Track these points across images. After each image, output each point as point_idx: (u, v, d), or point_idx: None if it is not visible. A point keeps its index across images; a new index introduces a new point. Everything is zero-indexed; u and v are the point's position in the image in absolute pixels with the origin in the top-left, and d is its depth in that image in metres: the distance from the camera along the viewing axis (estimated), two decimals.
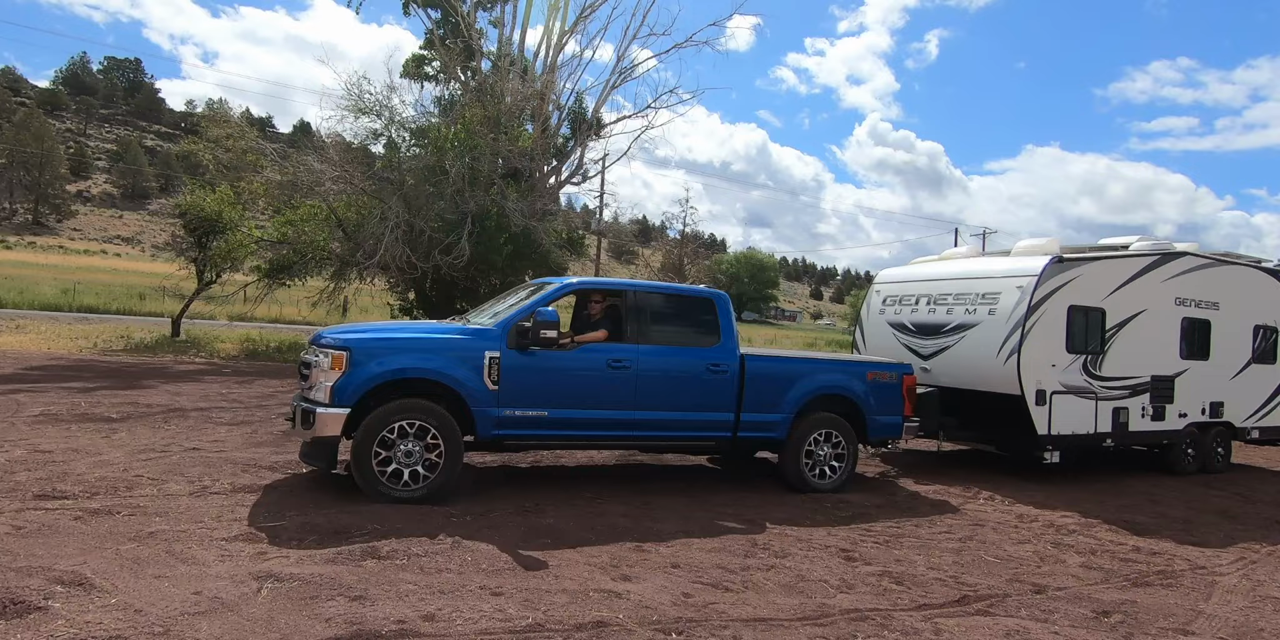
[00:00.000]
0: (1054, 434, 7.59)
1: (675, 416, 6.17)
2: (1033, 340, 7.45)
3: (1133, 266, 8.33)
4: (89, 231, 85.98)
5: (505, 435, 5.65)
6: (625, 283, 6.91)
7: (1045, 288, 7.57)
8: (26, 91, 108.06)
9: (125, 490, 5.02)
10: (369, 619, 3.26)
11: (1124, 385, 8.14)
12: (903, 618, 3.81)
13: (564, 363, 5.82)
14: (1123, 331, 8.14)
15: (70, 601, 3.21)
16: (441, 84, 25.20)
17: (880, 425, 6.93)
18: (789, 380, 6.59)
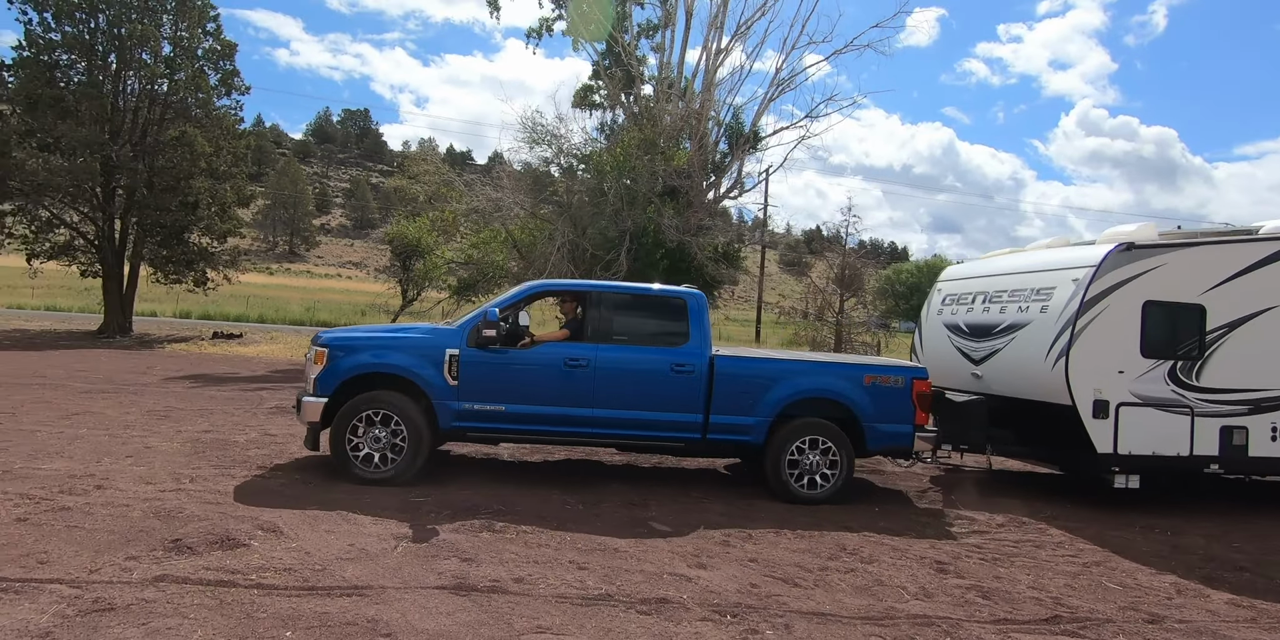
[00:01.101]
0: (1123, 453, 6.52)
1: (637, 416, 6.18)
2: (1088, 341, 6.53)
3: (1253, 253, 6.89)
4: (328, 258, 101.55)
5: (466, 427, 6.09)
6: (588, 284, 7.08)
7: (1107, 280, 6.59)
8: (286, 144, 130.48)
9: (322, 468, 6.26)
10: (471, 576, 3.94)
11: (1239, 399, 6.75)
12: (972, 628, 3.76)
13: (522, 360, 6.12)
14: (1237, 333, 6.78)
15: (265, 542, 4.23)
16: (606, 111, 27.03)
17: (882, 434, 6.35)
18: (765, 382, 6.34)
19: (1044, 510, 6.50)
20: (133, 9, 20.94)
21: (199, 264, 22.06)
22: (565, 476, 6.66)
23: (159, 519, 4.53)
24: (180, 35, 22.09)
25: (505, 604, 3.63)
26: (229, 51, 23.41)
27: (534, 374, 6.16)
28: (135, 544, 4.08)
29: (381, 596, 3.60)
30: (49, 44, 20.30)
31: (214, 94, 22.60)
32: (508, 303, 6.41)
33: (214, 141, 21.77)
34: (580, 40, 25.89)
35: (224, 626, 3.16)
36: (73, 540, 4.08)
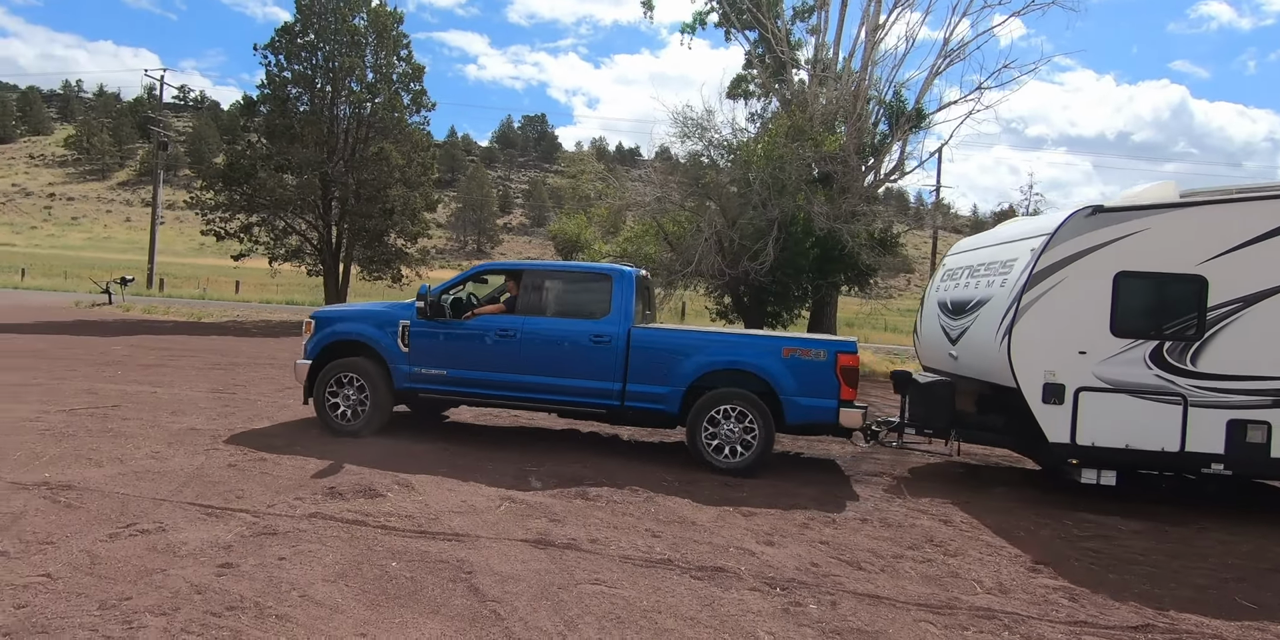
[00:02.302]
0: (1083, 444, 5.76)
1: (560, 382, 6.67)
2: (1036, 317, 5.87)
3: (1268, 214, 5.64)
4: (510, 254, 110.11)
5: (416, 388, 6.93)
6: (523, 264, 7.46)
7: (1063, 249, 5.85)
8: (474, 151, 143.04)
9: (461, 438, 7.19)
10: (553, 534, 4.47)
11: (1258, 389, 5.58)
12: (1039, 626, 3.61)
13: (461, 331, 6.91)
14: (1259, 309, 5.62)
15: (398, 495, 5.08)
16: (758, 100, 26.87)
17: (801, 407, 6.30)
18: (680, 354, 6.57)
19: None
20: (343, 45, 24.34)
21: (395, 263, 25.21)
22: (673, 456, 7.04)
23: (329, 472, 5.57)
24: (379, 63, 25.28)
25: (574, 558, 4.10)
26: (418, 74, 26.38)
27: (470, 343, 6.90)
28: (304, 489, 5.10)
29: (474, 543, 4.24)
30: (283, 81, 24.18)
31: (406, 112, 25.64)
32: (454, 282, 7.28)
33: (406, 155, 24.75)
34: (733, 31, 25.88)
35: (349, 553, 3.94)
36: (263, 484, 5.19)
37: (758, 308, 21.65)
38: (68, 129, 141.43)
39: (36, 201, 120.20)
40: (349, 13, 24.61)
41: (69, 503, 4.51)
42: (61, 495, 4.64)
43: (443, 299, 6.95)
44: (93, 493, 4.73)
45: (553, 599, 3.55)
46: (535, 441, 7.34)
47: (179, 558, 3.75)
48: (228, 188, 23.15)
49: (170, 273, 41.36)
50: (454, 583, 3.67)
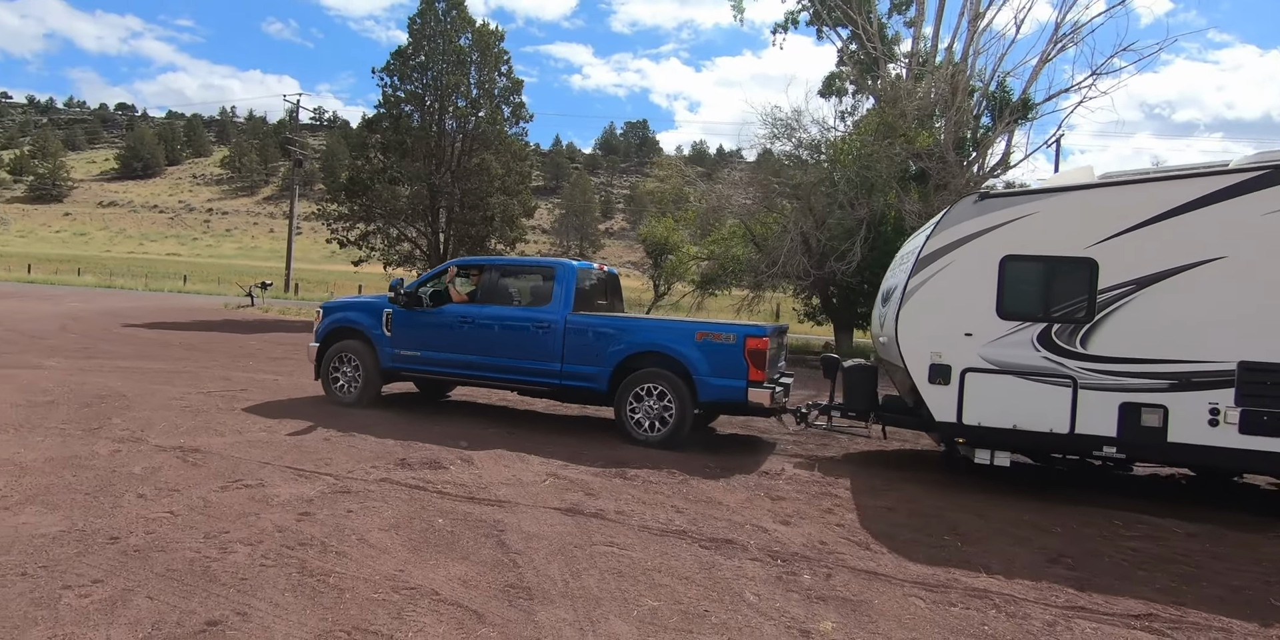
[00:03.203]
0: (969, 424, 5.90)
1: (510, 363, 7.56)
2: (922, 300, 6.11)
3: (1182, 193, 5.48)
4: (611, 259, 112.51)
5: (398, 368, 8.05)
6: (486, 259, 8.48)
7: (950, 234, 6.01)
8: (578, 158, 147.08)
9: (523, 422, 7.84)
10: (584, 505, 4.95)
11: (1154, 372, 5.49)
12: (1030, 607, 3.69)
13: (430, 318, 7.95)
14: (1154, 291, 5.53)
15: (458, 467, 5.74)
16: (851, 98, 26.42)
17: (713, 387, 6.79)
18: (608, 338, 7.22)
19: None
20: (450, 65, 26.15)
21: None
22: (717, 446, 7.35)
23: (403, 448, 6.34)
24: (483, 79, 26.93)
25: (597, 525, 4.56)
26: (517, 87, 27.86)
27: (437, 328, 7.91)
28: (380, 460, 5.86)
29: (513, 509, 4.79)
30: (397, 100, 26.28)
31: (506, 124, 27.16)
32: (430, 275, 8.34)
33: (505, 164, 26.23)
34: (824, 28, 25.59)
35: (405, 510, 4.60)
36: (348, 454, 6.00)
37: (847, 308, 21.33)
38: (223, 151, 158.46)
39: (197, 216, 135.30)
40: (455, 34, 26.40)
41: (194, 462, 5.47)
42: (190, 457, 5.62)
43: (421, 291, 8.09)
44: (214, 456, 5.69)
45: (567, 555, 4.02)
46: (589, 429, 7.86)
47: (270, 506, 4.54)
48: (349, 200, 25.46)
49: (304, 277, 45.62)
50: (486, 538, 4.22)
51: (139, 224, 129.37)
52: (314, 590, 3.37)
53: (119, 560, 3.59)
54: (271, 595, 3.29)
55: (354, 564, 3.71)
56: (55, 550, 3.67)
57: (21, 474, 4.94)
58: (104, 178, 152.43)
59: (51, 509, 4.28)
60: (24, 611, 3.01)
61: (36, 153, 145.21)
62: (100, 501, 4.46)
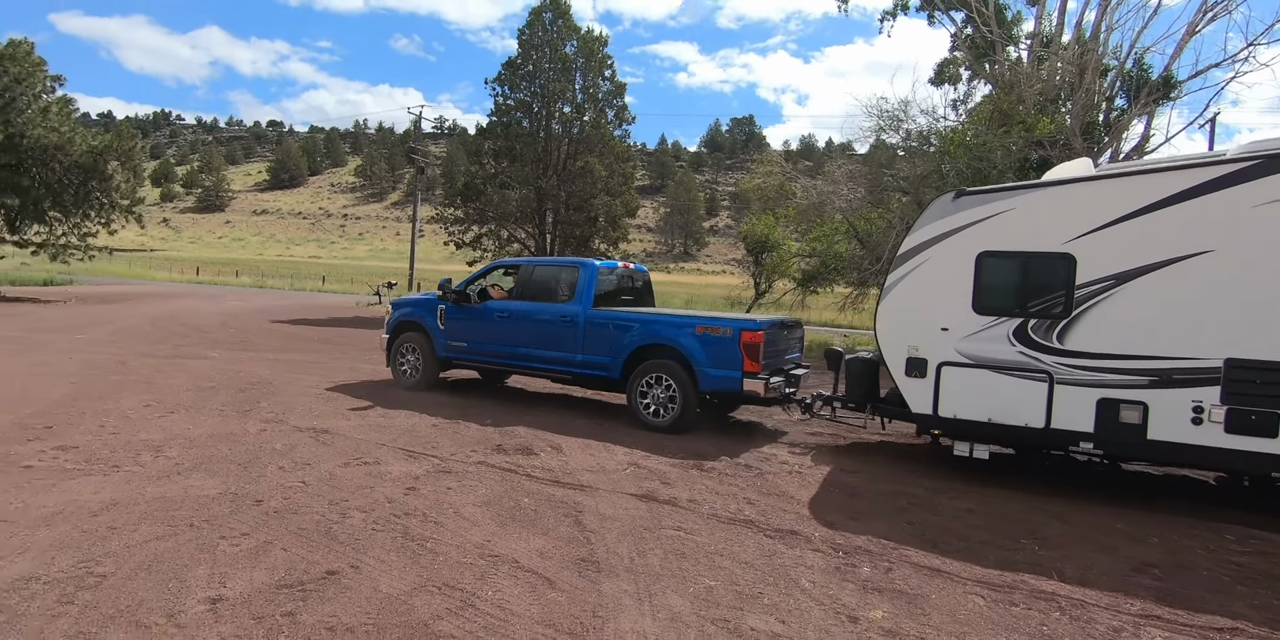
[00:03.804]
0: (945, 416, 6.08)
1: (541, 352, 8.32)
2: (901, 296, 6.33)
3: (1140, 191, 5.43)
4: (715, 257, 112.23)
5: (450, 356, 9.08)
6: (524, 260, 9.44)
7: (928, 231, 6.16)
8: (683, 157, 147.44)
9: (613, 414, 8.26)
10: (659, 492, 5.26)
11: (1133, 368, 5.42)
12: (1098, 613, 3.63)
13: (474, 313, 8.86)
14: (1127, 288, 5.48)
15: (548, 454, 6.21)
16: (962, 85, 25.14)
17: (711, 377, 7.20)
18: (620, 331, 7.81)
19: None
20: (556, 72, 27.22)
21: None
22: (806, 442, 7.42)
23: (501, 435, 6.91)
24: (587, 84, 27.83)
25: (667, 511, 4.86)
26: (620, 91, 28.55)
27: (480, 322, 8.82)
28: (480, 445, 6.44)
29: (592, 493, 5.18)
30: (507, 108, 27.67)
31: (610, 127, 27.93)
32: (477, 275, 9.30)
33: (608, 166, 27.00)
34: (936, 13, 24.50)
35: (497, 490, 5.09)
36: (453, 439, 6.63)
37: None
38: (356, 161, 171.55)
39: (334, 221, 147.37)
40: (561, 42, 27.44)
41: (324, 441, 6.26)
42: (321, 437, 6.43)
43: (469, 289, 9.04)
44: (340, 436, 6.47)
45: (636, 535, 4.35)
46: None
47: (383, 481, 5.17)
48: (464, 204, 27.12)
49: (426, 277, 48.81)
50: (565, 517, 4.62)
51: (286, 229, 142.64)
52: (414, 552, 3.89)
53: (261, 519, 4.27)
54: (379, 554, 3.83)
55: (448, 533, 4.21)
56: (214, 508, 4.42)
57: (190, 446, 5.88)
58: (257, 188, 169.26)
59: (212, 475, 5.11)
60: (191, 554, 3.70)
61: (203, 168, 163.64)
62: (249, 471, 5.26)
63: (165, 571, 3.49)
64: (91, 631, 2.91)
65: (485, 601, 3.35)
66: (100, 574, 3.43)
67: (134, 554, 3.68)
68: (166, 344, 13.07)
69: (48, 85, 25.92)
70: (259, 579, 3.45)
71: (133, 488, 4.75)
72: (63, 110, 26.06)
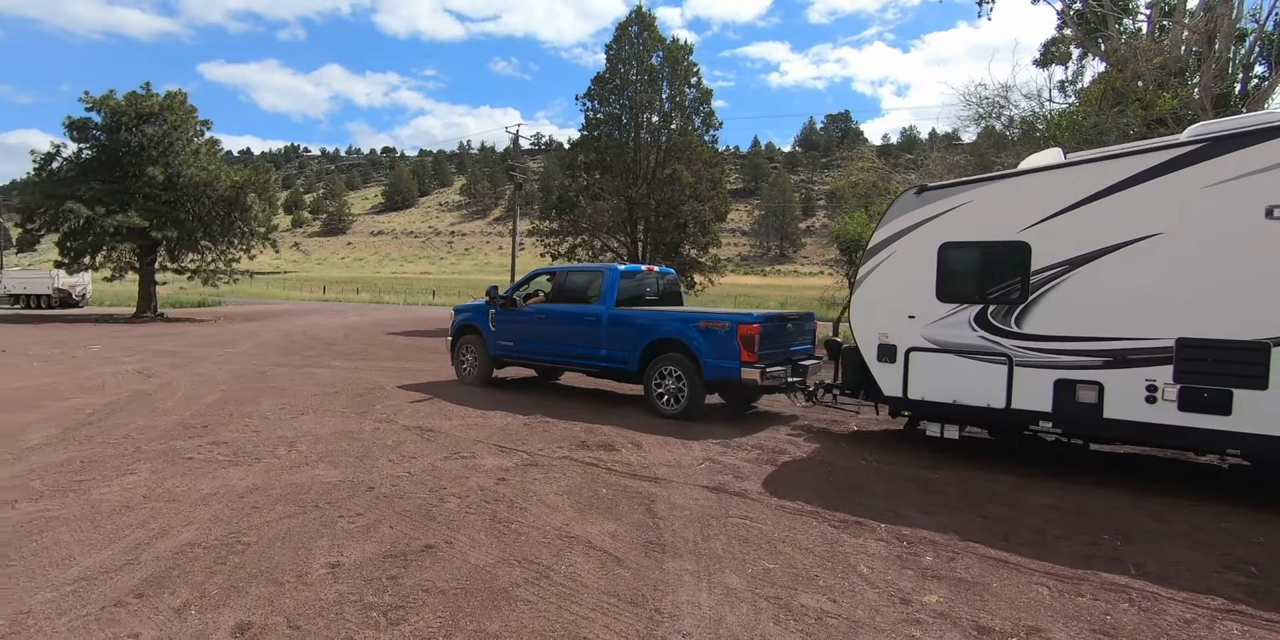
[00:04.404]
0: (914, 399, 6.50)
1: (574, 349, 9.22)
2: (871, 287, 6.79)
3: (1091, 178, 5.54)
4: (812, 258, 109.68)
5: (500, 354, 10.19)
6: (559, 267, 10.54)
7: (894, 225, 6.58)
8: (776, 158, 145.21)
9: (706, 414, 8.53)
10: (730, 484, 5.50)
11: (1087, 349, 5.57)
12: (1174, 607, 3.54)
13: (518, 315, 9.89)
14: (1081, 272, 5.63)
15: (628, 450, 6.58)
16: (1076, 63, 23.70)
17: (713, 367, 7.86)
18: (636, 328, 8.58)
19: None
20: (643, 84, 27.88)
21: (689, 271, 27.88)
22: (880, 441, 7.40)
23: (586, 433, 7.35)
24: (674, 93, 28.30)
25: (736, 501, 5.09)
26: (706, 97, 28.82)
27: (523, 323, 9.84)
28: (565, 441, 6.90)
29: (666, 485, 5.48)
30: (597, 121, 28.59)
31: (696, 134, 28.24)
32: (521, 282, 10.32)
33: (696, 172, 27.29)
34: None
35: (578, 481, 5.50)
36: (542, 436, 7.13)
37: None
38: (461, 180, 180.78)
39: (443, 239, 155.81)
40: (647, 54, 28.07)
41: (428, 438, 6.92)
42: (425, 434, 7.11)
43: (517, 294, 10.07)
44: (442, 434, 7.12)
45: (703, 522, 4.61)
46: (754, 422, 8.31)
47: (477, 472, 5.70)
48: (558, 217, 28.22)
49: None
50: (638, 505, 4.95)
51: (400, 248, 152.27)
52: (500, 532, 4.34)
53: (373, 502, 4.88)
54: (470, 533, 4.31)
55: (531, 516, 4.65)
56: (335, 493, 5.08)
57: (316, 442, 6.69)
58: (374, 211, 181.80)
59: (334, 466, 5.83)
60: (316, 529, 4.33)
61: (327, 194, 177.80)
62: (363, 462, 5.95)
63: (295, 542, 4.11)
64: (239, 586, 3.52)
65: (559, 574, 3.73)
66: (245, 542, 4.09)
67: (271, 528, 4.34)
68: (298, 356, 14.55)
69: (198, 129, 29.35)
70: (369, 550, 4.00)
71: (270, 475, 5.52)
72: (210, 151, 29.43)
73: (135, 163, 26.86)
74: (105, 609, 3.26)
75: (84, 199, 24.76)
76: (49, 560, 3.83)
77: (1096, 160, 5.68)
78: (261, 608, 3.28)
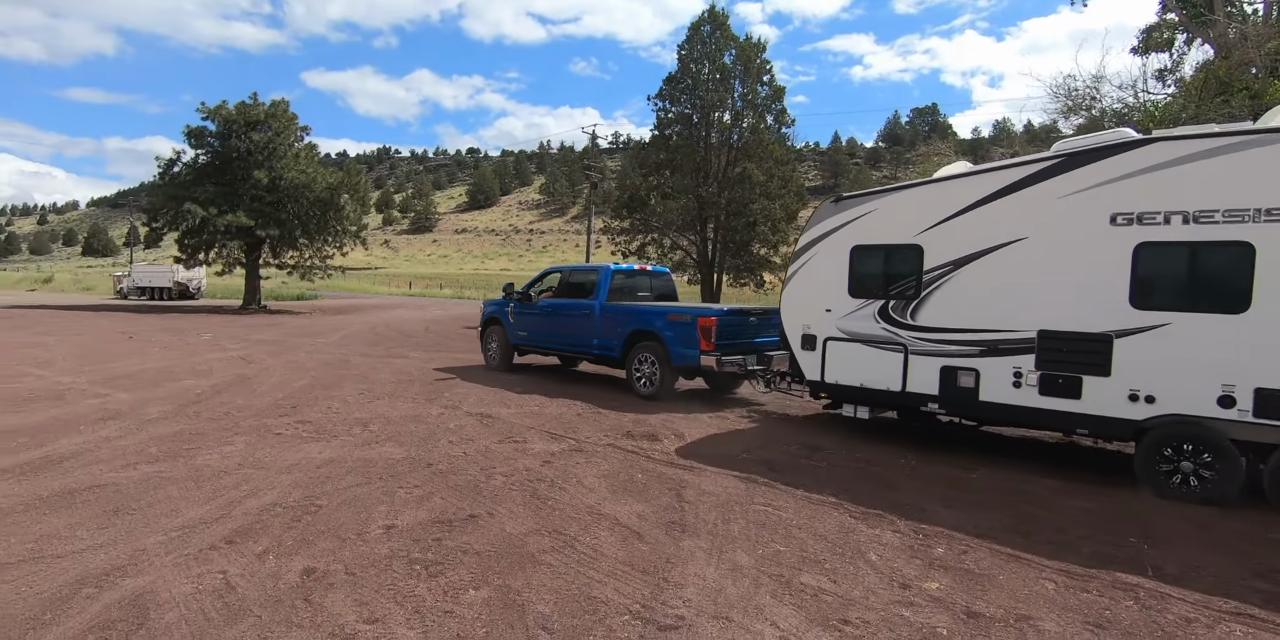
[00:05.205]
0: (829, 382, 7.35)
1: (574, 338, 10.48)
2: (797, 284, 7.67)
3: (972, 189, 6.32)
4: None
5: (519, 343, 11.55)
6: (565, 266, 11.76)
7: (816, 230, 7.49)
8: (858, 153, 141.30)
9: (739, 405, 8.76)
10: (761, 475, 5.74)
11: (965, 340, 6.33)
12: (1179, 606, 3.56)
13: (531, 309, 11.22)
14: (963, 271, 6.39)
15: (670, 439, 6.92)
16: (1183, 47, 22.29)
17: (679, 355, 8.96)
18: (621, 320, 9.76)
19: None
20: (714, 83, 27.99)
21: (759, 270, 27.83)
22: (917, 440, 7.42)
23: (634, 424, 7.72)
24: (746, 92, 28.28)
25: (763, 490, 5.33)
26: (779, 95, 28.63)
27: (535, 316, 11.19)
28: (613, 431, 7.30)
29: (699, 473, 5.79)
30: (669, 121, 28.92)
31: (768, 133, 28.11)
32: (535, 280, 11.55)
33: (767, 171, 27.19)
34: None
35: (618, 466, 5.89)
36: (591, 425, 7.56)
37: None
38: (540, 179, 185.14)
39: (522, 236, 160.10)
40: (719, 53, 28.14)
41: (486, 424, 7.48)
42: (484, 420, 7.67)
43: (532, 290, 11.32)
44: (499, 421, 7.67)
45: (726, 507, 4.89)
46: (797, 418, 8.46)
47: (525, 455, 6.18)
48: (629, 215, 28.74)
49: None
50: (669, 489, 5.28)
51: (481, 245, 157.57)
52: (537, 507, 4.77)
53: (430, 477, 5.42)
54: (510, 506, 4.76)
55: (568, 495, 5.06)
56: (398, 468, 5.66)
57: (387, 424, 7.36)
58: (458, 210, 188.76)
59: (399, 445, 6.44)
60: (378, 497, 4.89)
61: (415, 194, 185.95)
62: (426, 443, 6.53)
63: (359, 507, 4.67)
64: (309, 539, 4.09)
65: (583, 545, 4.12)
66: (318, 505, 4.69)
67: (340, 494, 4.93)
68: (380, 346, 15.63)
69: (298, 135, 31.61)
70: (421, 516, 4.51)
71: (344, 451, 6.18)
72: (309, 155, 31.62)
73: (243, 167, 29.22)
74: (202, 551, 3.89)
75: (200, 200, 27.18)
76: (160, 511, 4.53)
77: (979, 173, 6.50)
78: (325, 557, 3.82)
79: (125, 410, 7.85)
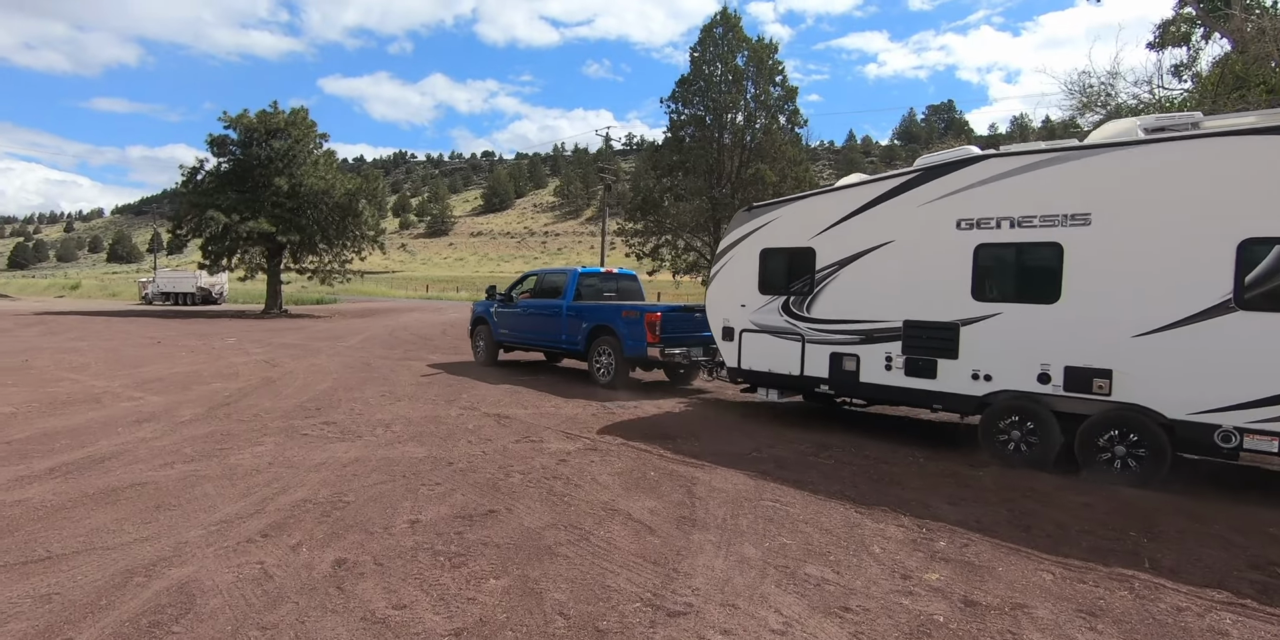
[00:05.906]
0: (745, 368, 8.31)
1: (546, 335, 11.65)
2: (719, 283, 8.68)
3: (853, 199, 7.38)
4: None
5: (501, 340, 12.77)
6: (540, 270, 12.84)
7: (734, 234, 8.44)
8: (873, 152, 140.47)
9: (755, 409, 8.91)
10: (771, 472, 5.91)
11: (850, 329, 7.38)
12: (1173, 596, 3.69)
13: (512, 308, 12.46)
14: (846, 270, 7.43)
15: (685, 439, 7.11)
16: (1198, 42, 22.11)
17: (630, 346, 10.04)
18: (584, 318, 10.86)
19: None
20: (726, 84, 28.13)
21: None
22: (929, 438, 7.55)
23: (648, 425, 7.92)
24: (758, 93, 28.38)
25: (772, 486, 5.50)
26: (791, 96, 28.73)
27: (514, 315, 12.38)
28: (627, 431, 7.49)
29: (710, 471, 5.97)
30: (681, 124, 29.10)
31: (781, 134, 28.19)
32: (516, 283, 12.77)
33: (780, 171, 27.28)
34: None
35: (631, 464, 6.09)
36: (615, 429, 7.76)
37: None
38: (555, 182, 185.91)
39: (537, 239, 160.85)
40: (731, 55, 28.27)
41: (504, 424, 7.71)
42: (502, 421, 7.90)
43: (513, 292, 12.53)
44: (516, 421, 7.89)
45: (734, 503, 5.07)
46: (810, 419, 8.61)
47: (542, 454, 6.40)
48: (642, 217, 28.94)
49: None
50: (680, 486, 5.47)
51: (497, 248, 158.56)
52: (553, 503, 4.98)
53: (450, 475, 5.65)
54: (527, 502, 4.98)
55: (583, 492, 5.27)
56: (420, 467, 5.90)
57: (408, 424, 7.61)
58: (473, 213, 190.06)
59: (421, 444, 6.69)
60: (401, 494, 5.12)
61: (431, 198, 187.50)
62: (446, 443, 6.77)
63: (384, 503, 4.91)
64: (339, 533, 4.32)
65: (597, 538, 4.32)
66: (346, 501, 4.93)
67: (367, 491, 5.18)
68: (399, 349, 15.95)
69: (317, 142, 32.18)
70: (443, 511, 4.74)
71: (369, 450, 6.43)
72: (327, 161, 32.17)
73: (264, 174, 29.81)
74: (239, 544, 4.13)
75: (222, 207, 27.77)
76: (199, 507, 4.80)
77: (862, 184, 7.40)
78: (355, 549, 4.06)
79: (159, 412, 8.18)
